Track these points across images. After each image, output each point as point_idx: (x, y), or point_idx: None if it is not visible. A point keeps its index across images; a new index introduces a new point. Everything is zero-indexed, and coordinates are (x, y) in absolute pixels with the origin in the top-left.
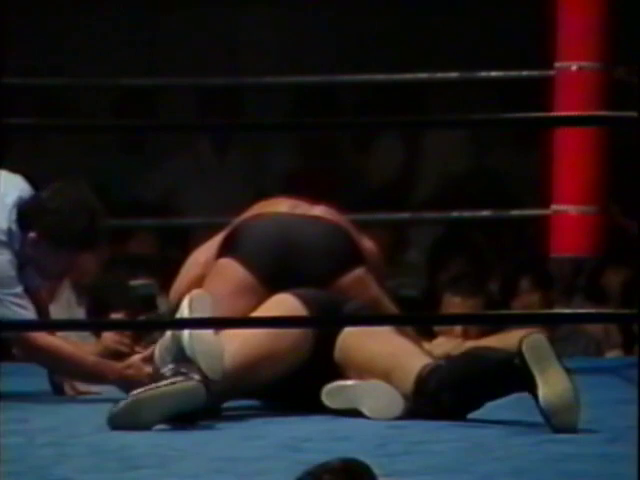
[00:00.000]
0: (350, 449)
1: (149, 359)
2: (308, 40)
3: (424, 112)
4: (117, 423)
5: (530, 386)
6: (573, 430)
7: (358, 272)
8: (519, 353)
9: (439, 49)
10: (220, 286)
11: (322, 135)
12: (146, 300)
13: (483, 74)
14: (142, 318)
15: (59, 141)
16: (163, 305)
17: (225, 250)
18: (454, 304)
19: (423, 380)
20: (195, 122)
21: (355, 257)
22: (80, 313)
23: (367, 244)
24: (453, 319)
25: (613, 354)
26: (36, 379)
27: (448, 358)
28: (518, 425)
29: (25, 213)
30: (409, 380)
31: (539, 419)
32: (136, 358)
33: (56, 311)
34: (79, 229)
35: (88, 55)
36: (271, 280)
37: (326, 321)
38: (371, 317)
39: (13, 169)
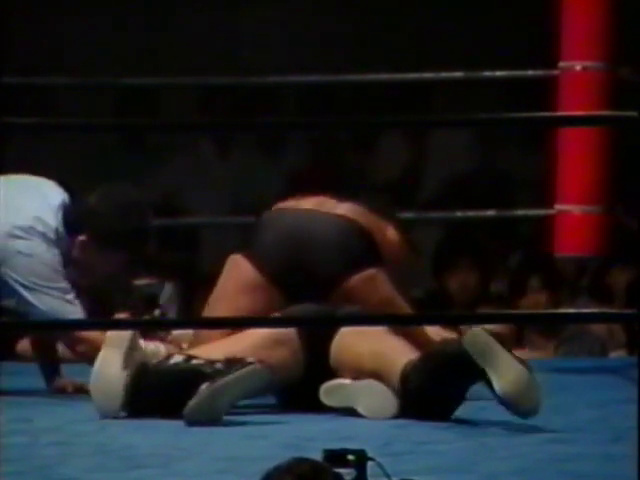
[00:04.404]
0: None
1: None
2: (311, 39)
3: (429, 111)
4: (194, 416)
5: (483, 379)
6: (536, 412)
7: (369, 272)
8: (464, 351)
9: (444, 48)
10: (228, 283)
11: (326, 134)
12: (149, 300)
13: (488, 74)
14: (146, 317)
15: (62, 141)
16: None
17: (241, 244)
18: None
19: (406, 377)
20: (197, 121)
21: (368, 257)
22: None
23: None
24: (456, 319)
25: (617, 354)
26: (40, 378)
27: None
28: (521, 425)
29: (73, 217)
30: (395, 378)
31: (543, 419)
32: None
33: None
34: (130, 230)
35: (90, 54)
36: (279, 278)
37: (326, 321)
38: (370, 317)
39: (15, 169)
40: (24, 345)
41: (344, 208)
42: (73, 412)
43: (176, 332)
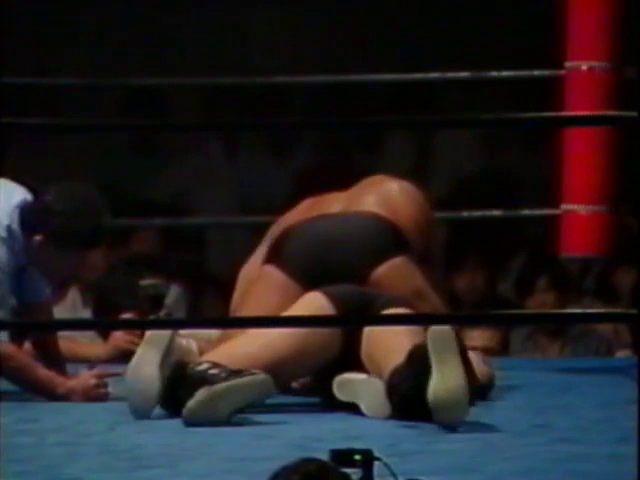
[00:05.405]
0: None
1: (100, 377)
2: (318, 39)
3: (435, 111)
4: (194, 417)
5: (427, 375)
6: (453, 427)
7: (395, 261)
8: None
9: (449, 48)
10: (263, 292)
11: (333, 135)
12: (154, 300)
13: (494, 74)
14: (152, 317)
15: (68, 140)
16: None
17: (270, 256)
18: (472, 337)
19: (391, 376)
20: (204, 122)
21: (393, 248)
22: (86, 315)
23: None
24: (463, 319)
25: (623, 354)
26: None
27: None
28: (528, 425)
29: (29, 216)
30: (386, 378)
31: (547, 419)
32: (87, 375)
33: (61, 312)
34: (86, 229)
35: (94, 54)
36: (309, 281)
37: (339, 321)
38: (372, 317)
39: (21, 169)
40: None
41: (369, 203)
42: (80, 412)
43: (185, 332)
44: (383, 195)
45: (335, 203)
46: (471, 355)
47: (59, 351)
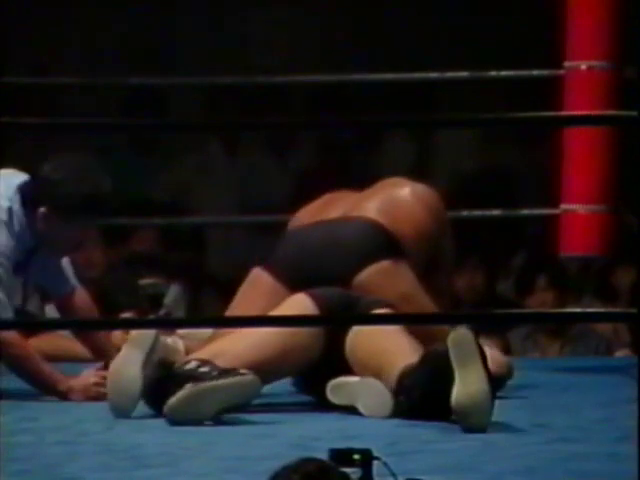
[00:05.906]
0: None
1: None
2: (319, 39)
3: (435, 111)
4: (175, 414)
5: (450, 381)
6: (481, 431)
7: (382, 265)
8: (447, 347)
9: (449, 48)
10: (247, 290)
11: (333, 134)
12: (154, 299)
13: (493, 73)
14: (151, 317)
15: (68, 140)
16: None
17: (262, 259)
18: None
19: (401, 379)
20: (204, 121)
21: (381, 251)
22: None
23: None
24: (462, 318)
25: (622, 353)
26: None
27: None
28: (528, 424)
29: (30, 192)
30: (393, 380)
31: (547, 418)
32: (88, 374)
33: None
34: (86, 195)
35: (95, 53)
36: (297, 284)
37: (331, 320)
38: (374, 316)
39: (21, 168)
40: (34, 343)
41: (368, 208)
42: (80, 411)
43: (184, 331)
44: (389, 200)
45: (339, 207)
46: (487, 348)
47: (105, 342)
